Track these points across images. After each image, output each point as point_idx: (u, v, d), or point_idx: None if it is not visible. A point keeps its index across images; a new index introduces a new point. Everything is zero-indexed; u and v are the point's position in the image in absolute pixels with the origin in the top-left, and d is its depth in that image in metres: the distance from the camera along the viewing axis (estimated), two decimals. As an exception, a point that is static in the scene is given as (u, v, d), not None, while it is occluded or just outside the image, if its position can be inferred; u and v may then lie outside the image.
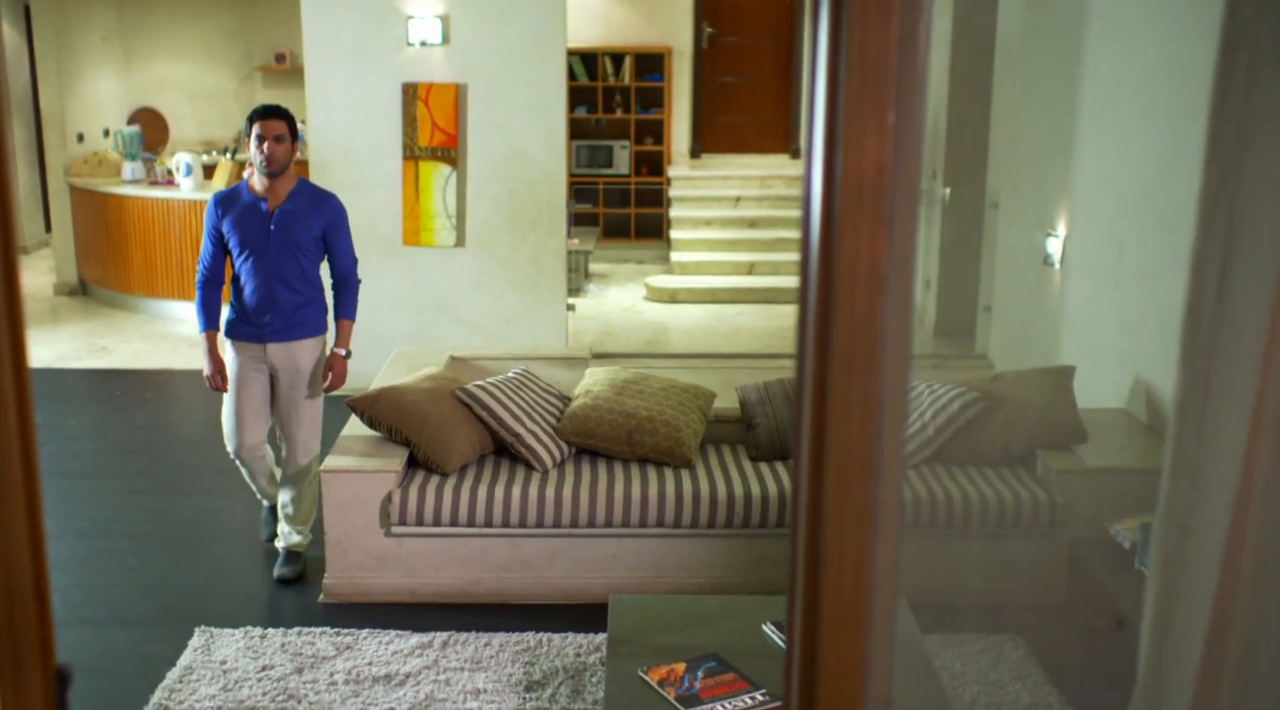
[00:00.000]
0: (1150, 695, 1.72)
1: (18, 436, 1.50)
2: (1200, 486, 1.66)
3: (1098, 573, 4.43)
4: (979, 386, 5.35)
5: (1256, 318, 1.62)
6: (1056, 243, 6.39)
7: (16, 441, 1.50)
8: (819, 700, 1.58)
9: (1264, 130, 1.57)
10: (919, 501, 4.94)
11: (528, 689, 4.34)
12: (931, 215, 9.37)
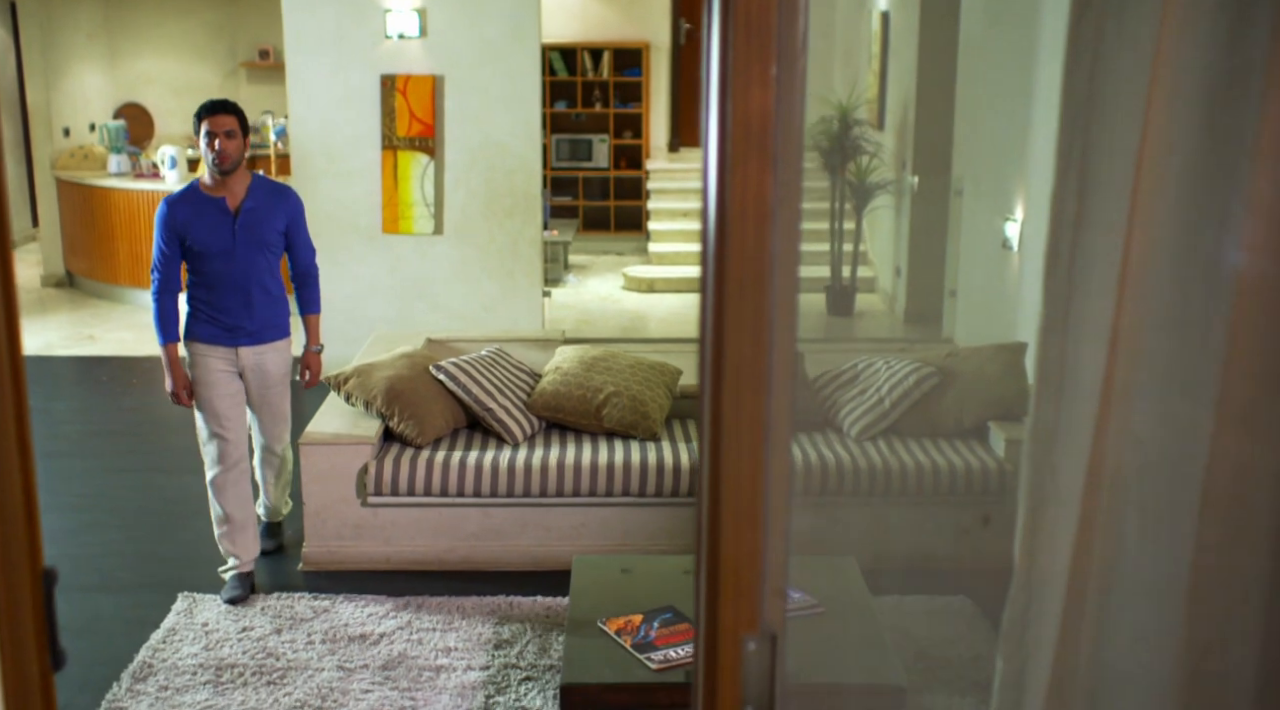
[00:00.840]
0: (1024, 586, 1.93)
1: (6, 348, 1.70)
2: (1064, 399, 1.87)
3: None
4: (935, 362, 5.56)
5: (1108, 251, 1.82)
6: (1014, 227, 6.61)
7: (6, 353, 1.70)
8: (722, 590, 1.79)
9: (1109, 83, 1.78)
10: (874, 470, 5.15)
11: (496, 647, 4.55)
12: (901, 204, 9.59)
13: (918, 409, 5.40)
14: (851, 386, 5.59)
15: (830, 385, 5.65)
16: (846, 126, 9.60)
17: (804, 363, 5.74)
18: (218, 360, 4.90)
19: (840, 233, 9.78)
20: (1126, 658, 1.90)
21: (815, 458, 5.20)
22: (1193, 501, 1.84)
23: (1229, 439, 1.83)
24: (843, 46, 12.06)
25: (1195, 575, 1.86)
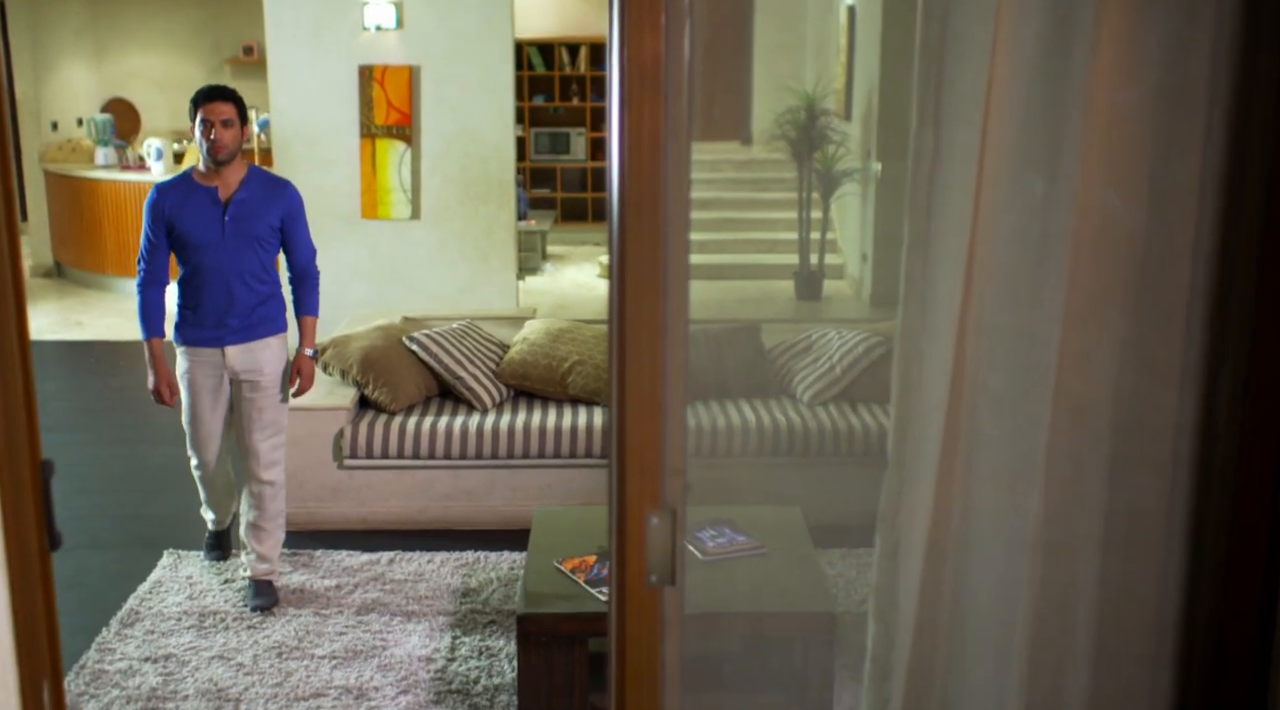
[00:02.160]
0: (897, 466, 2.22)
1: (8, 256, 1.98)
2: (927, 306, 2.15)
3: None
4: (885, 333, 5.86)
5: (962, 180, 2.10)
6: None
7: (7, 261, 1.98)
8: (628, 472, 2.07)
9: (959, 32, 2.06)
10: (824, 433, 5.44)
11: (464, 595, 4.83)
12: (867, 192, 9.89)
13: (867, 376, 5.69)
14: (805, 355, 5.87)
15: (785, 355, 5.94)
16: (813, 116, 9.90)
17: (760, 335, 6.02)
18: (203, 365, 4.67)
19: (808, 221, 10.08)
20: (987, 528, 2.18)
21: (769, 420, 5.49)
22: (1044, 394, 2.13)
23: (1072, 340, 2.12)
24: (814, 40, 12.37)
25: (1047, 458, 2.15)
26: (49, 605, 2.17)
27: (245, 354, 4.67)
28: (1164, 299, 2.09)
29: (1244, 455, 2.07)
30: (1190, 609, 2.17)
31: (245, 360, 4.67)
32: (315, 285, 4.86)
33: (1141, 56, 2.04)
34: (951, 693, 2.27)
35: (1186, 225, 2.06)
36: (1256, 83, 1.97)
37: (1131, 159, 2.07)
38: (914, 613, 2.25)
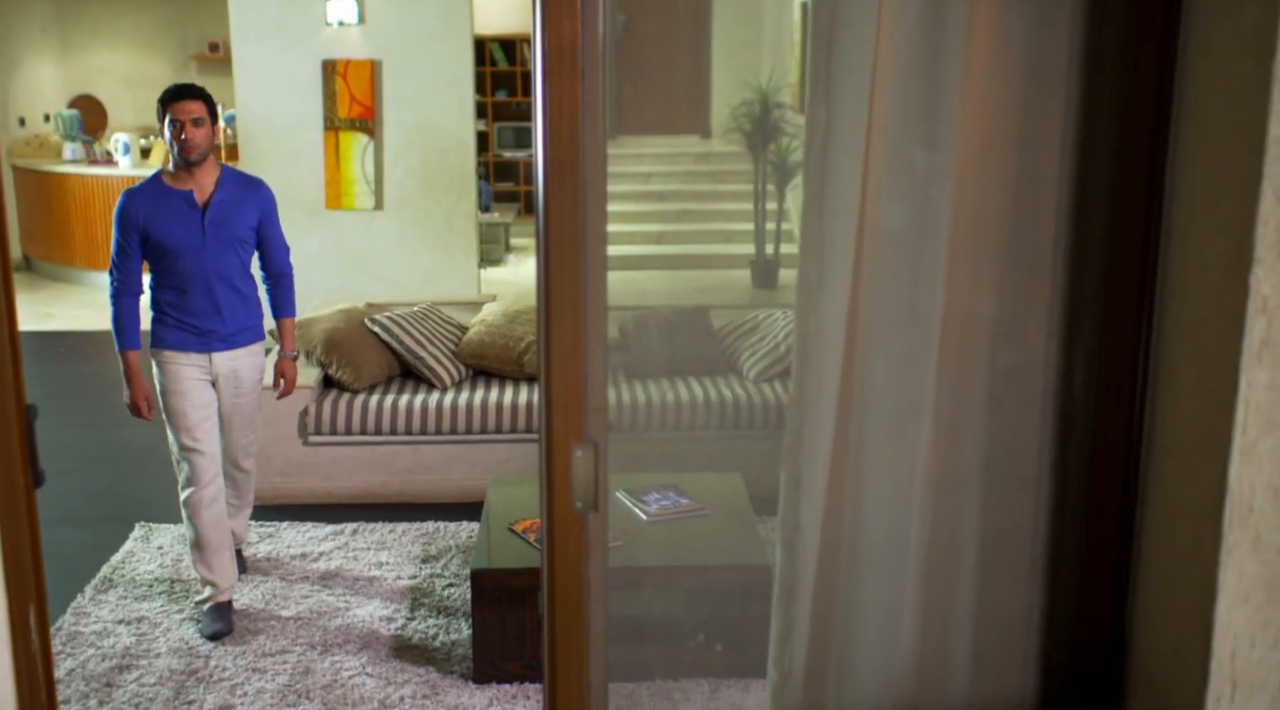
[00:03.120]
0: (796, 407, 2.46)
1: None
2: (824, 261, 2.40)
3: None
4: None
5: (852, 147, 2.35)
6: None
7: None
8: (554, 409, 2.32)
9: (847, 10, 2.31)
10: (769, 407, 5.70)
11: (424, 561, 5.06)
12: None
13: (810, 353, 5.94)
14: (752, 335, 6.13)
15: (733, 335, 6.19)
16: (767, 109, 10.16)
17: (709, 317, 6.28)
18: (189, 368, 4.52)
19: (764, 211, 10.34)
20: (881, 461, 2.43)
21: (715, 396, 5.74)
22: (930, 340, 2.38)
23: (953, 291, 2.37)
24: (771, 36, 12.64)
25: (937, 400, 2.40)
26: (34, 537, 2.40)
27: (230, 361, 4.57)
28: (1032, 253, 2.35)
29: (1101, 392, 2.33)
30: (1058, 531, 2.43)
31: (230, 367, 4.58)
32: (292, 285, 4.80)
33: (1010, 36, 2.29)
34: (852, 611, 2.53)
35: (1050, 188, 2.32)
36: (1104, 56, 2.23)
37: (1002, 128, 2.32)
38: (817, 539, 2.50)
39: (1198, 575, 2.15)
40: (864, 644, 2.52)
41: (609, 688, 2.55)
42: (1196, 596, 2.15)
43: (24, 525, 2.36)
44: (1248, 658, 2.13)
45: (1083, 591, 2.42)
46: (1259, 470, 2.05)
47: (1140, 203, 2.25)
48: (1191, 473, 2.17)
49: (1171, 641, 2.26)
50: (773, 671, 2.60)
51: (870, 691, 2.53)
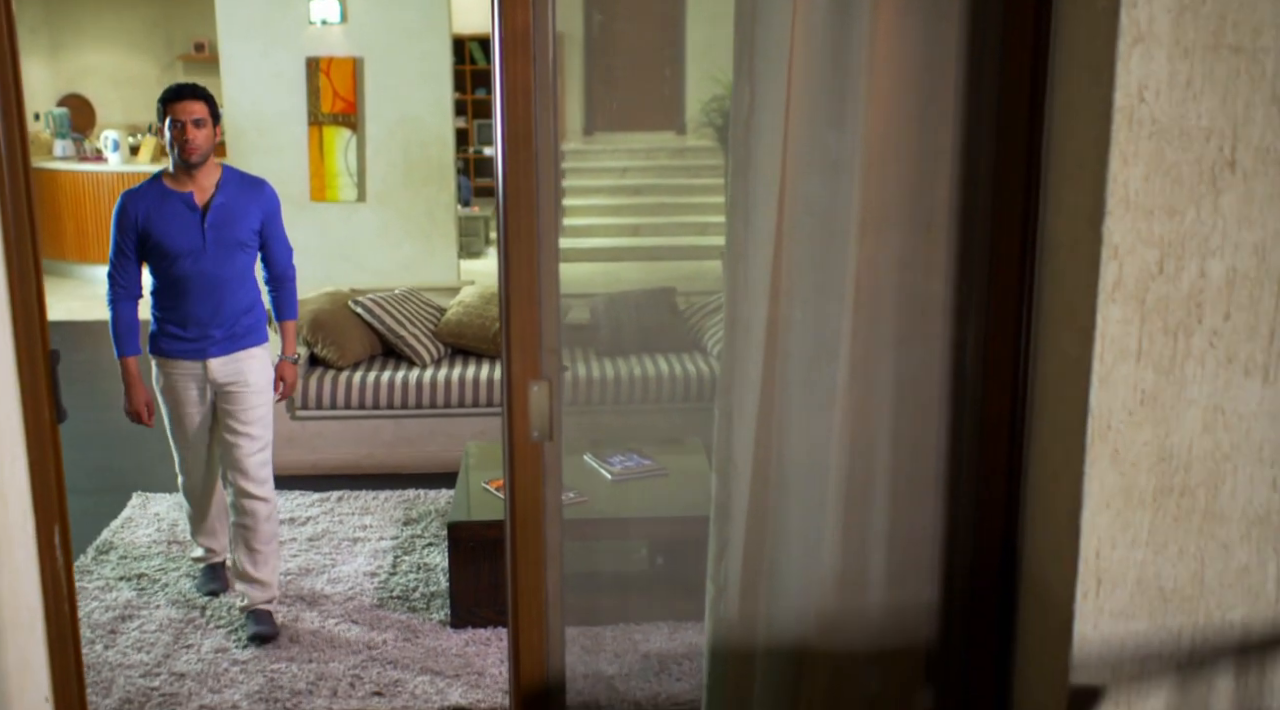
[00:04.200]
0: (729, 351, 2.80)
1: (21, 174, 2.54)
2: (749, 223, 2.73)
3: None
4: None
5: (773, 122, 2.69)
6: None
7: (19, 178, 2.54)
8: (514, 349, 2.66)
9: (767, 3, 2.65)
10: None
11: (405, 524, 5.40)
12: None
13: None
14: (716, 314, 6.48)
15: (697, 315, 6.53)
16: (737, 104, 10.50)
17: (675, 297, 6.62)
18: (184, 377, 4.43)
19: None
20: (802, 395, 2.77)
21: (680, 371, 6.08)
22: (843, 287, 2.72)
23: (863, 246, 2.71)
24: (742, 34, 12.98)
25: (850, 343, 2.74)
26: (57, 466, 2.73)
27: (229, 365, 4.42)
28: (929, 214, 2.69)
29: (991, 332, 2.68)
30: (957, 456, 2.77)
31: (229, 372, 4.42)
32: (294, 288, 4.71)
33: (908, 26, 2.63)
34: (780, 531, 2.86)
35: (944, 158, 2.66)
36: (987, 44, 2.58)
37: (902, 107, 2.66)
38: (748, 467, 2.83)
39: (1069, 488, 2.50)
40: (791, 559, 2.86)
41: (574, 632, 2.91)
42: (1068, 506, 2.50)
43: (49, 455, 2.69)
44: (1110, 557, 2.48)
45: (979, 509, 2.77)
46: (1115, 394, 2.40)
47: (1020, 169, 2.60)
48: (1062, 399, 2.52)
49: (1051, 547, 2.60)
50: (710, 586, 2.94)
51: (797, 601, 2.87)
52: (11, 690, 2.60)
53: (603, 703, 3.97)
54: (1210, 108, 2.29)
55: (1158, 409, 2.41)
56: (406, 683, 4.08)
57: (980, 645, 2.80)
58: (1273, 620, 2.52)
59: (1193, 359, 2.39)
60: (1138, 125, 2.29)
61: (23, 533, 2.66)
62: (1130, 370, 2.39)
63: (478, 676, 4.12)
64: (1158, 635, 2.52)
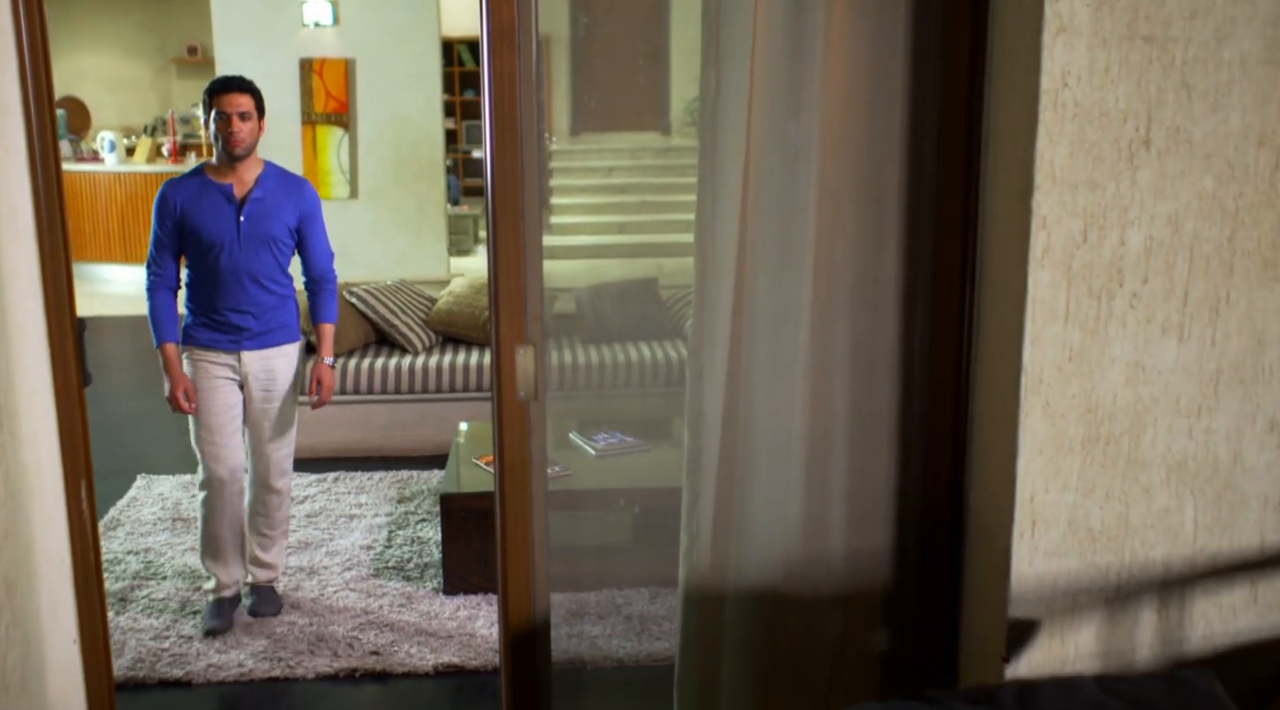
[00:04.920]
0: (699, 314, 3.05)
1: (52, 164, 2.78)
2: (715, 200, 2.99)
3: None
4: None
5: (737, 107, 2.94)
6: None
7: (51, 167, 2.78)
8: (502, 316, 2.90)
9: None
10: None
11: (399, 502, 5.65)
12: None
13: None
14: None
15: (679, 303, 6.79)
16: (720, 104, 10.76)
17: (658, 288, 6.88)
18: (217, 366, 4.44)
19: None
20: (768, 356, 3.02)
21: (663, 356, 6.34)
22: (804, 258, 2.97)
23: (822, 219, 2.97)
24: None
25: (810, 307, 2.99)
26: (83, 424, 2.98)
27: (261, 360, 4.48)
28: (880, 190, 2.94)
29: (938, 297, 2.94)
30: (908, 412, 3.03)
31: (261, 366, 4.48)
32: (334, 291, 4.71)
33: (860, 19, 2.89)
34: (747, 482, 3.11)
35: (893, 140, 2.92)
36: (931, 35, 2.84)
37: (855, 93, 2.92)
38: (718, 423, 3.08)
39: (1006, 438, 2.75)
40: (757, 509, 3.11)
41: (560, 597, 3.15)
42: (1006, 455, 2.76)
43: (76, 415, 2.94)
44: (1043, 500, 2.73)
45: (928, 460, 3.02)
46: (1045, 351, 2.66)
47: (960, 149, 2.86)
48: (1000, 357, 2.78)
49: (991, 493, 2.86)
50: (684, 536, 3.19)
51: (764, 547, 3.12)
52: (44, 629, 2.84)
53: (586, 659, 4.22)
54: (1126, 92, 2.55)
55: (1084, 365, 2.67)
56: (402, 644, 4.33)
57: (931, 586, 3.06)
58: (1190, 558, 2.77)
59: (1115, 319, 2.65)
60: (1062, 108, 2.55)
61: (52, 484, 2.90)
62: (1059, 330, 2.65)
63: (469, 638, 4.37)
64: (1087, 572, 2.77)
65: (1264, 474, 2.73)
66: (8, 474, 2.67)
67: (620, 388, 6.30)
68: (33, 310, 2.81)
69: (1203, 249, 2.62)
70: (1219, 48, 2.53)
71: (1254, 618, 2.80)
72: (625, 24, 14.30)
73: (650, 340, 6.56)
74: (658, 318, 6.66)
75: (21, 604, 2.73)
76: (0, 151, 2.67)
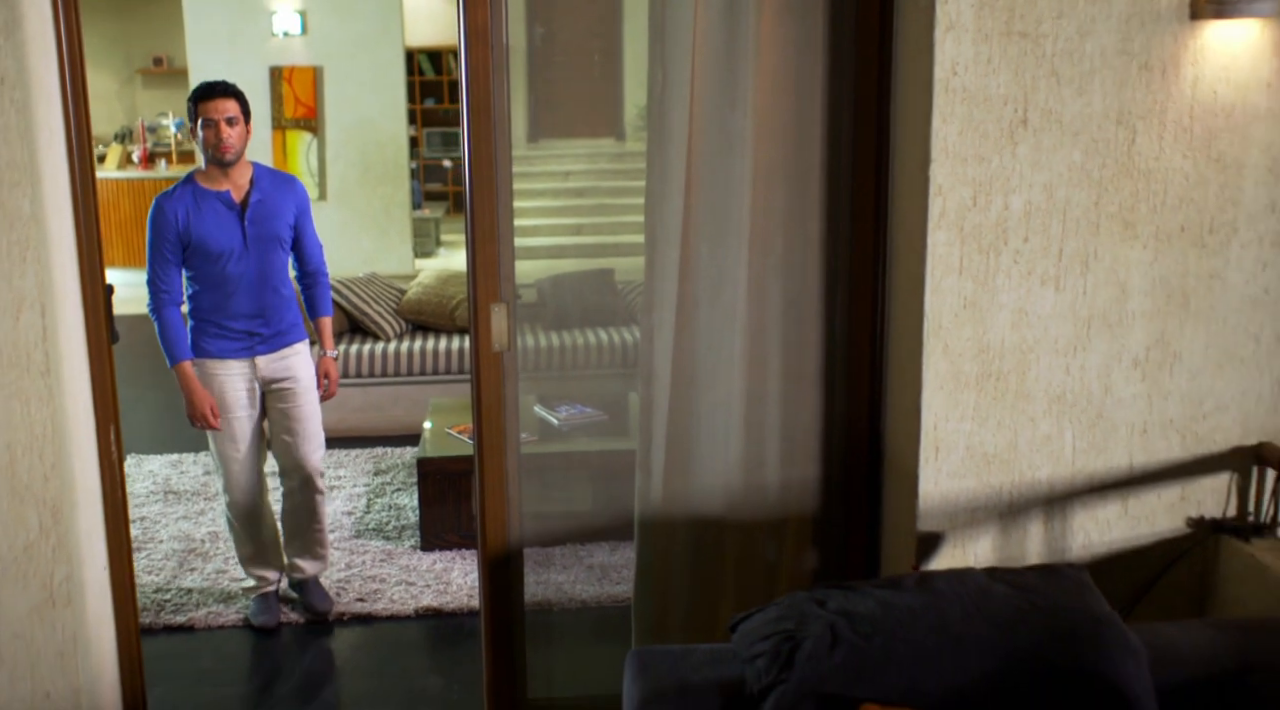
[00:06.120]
0: (649, 277, 3.50)
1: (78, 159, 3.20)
2: (664, 184, 3.43)
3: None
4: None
5: (680, 98, 3.40)
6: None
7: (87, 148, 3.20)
8: (479, 278, 3.34)
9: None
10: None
11: (375, 474, 6.07)
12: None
13: (699, 305, 7.03)
14: (651, 292, 7.19)
15: (634, 292, 7.25)
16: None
17: (614, 277, 7.34)
18: (233, 377, 4.40)
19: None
20: (709, 313, 3.47)
21: (618, 340, 6.80)
22: (740, 228, 3.42)
23: (755, 194, 3.42)
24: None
25: (746, 270, 3.45)
26: (111, 376, 3.39)
27: (277, 362, 4.45)
28: (805, 170, 3.40)
29: (856, 258, 3.41)
30: (832, 359, 3.49)
31: (278, 369, 4.45)
32: (328, 284, 4.72)
33: (785, 22, 3.35)
34: (694, 425, 3.56)
35: (816, 126, 3.38)
36: (846, 34, 3.31)
37: (783, 85, 3.38)
38: (668, 374, 3.54)
39: (913, 376, 3.22)
40: (703, 449, 3.56)
41: (530, 551, 3.59)
42: (912, 391, 3.23)
43: (106, 368, 3.35)
44: (944, 428, 3.20)
45: (850, 400, 3.49)
46: (943, 300, 3.13)
47: (872, 131, 3.33)
48: (906, 307, 3.25)
49: (902, 425, 3.33)
50: (639, 475, 3.64)
51: (709, 482, 3.57)
52: (84, 553, 3.26)
53: (553, 600, 4.66)
54: (1006, 79, 3.03)
55: (976, 312, 3.14)
56: (385, 591, 4.76)
57: (854, 509, 3.52)
58: (1070, 477, 3.25)
59: (1001, 272, 3.13)
60: (952, 93, 3.03)
61: (86, 428, 3.31)
62: (954, 282, 3.12)
63: (445, 585, 4.81)
64: (983, 491, 3.24)
65: (1130, 404, 3.21)
66: (55, 415, 3.09)
67: (580, 369, 6.75)
68: (70, 275, 3.22)
69: (1073, 212, 3.10)
70: (1082, 41, 3.02)
71: (1125, 528, 3.29)
72: (580, 33, 14.75)
73: (608, 326, 7.01)
74: (614, 305, 7.11)
75: (66, 529, 3.15)
76: (44, 144, 3.08)
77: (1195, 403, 3.22)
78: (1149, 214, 3.11)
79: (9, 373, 3.04)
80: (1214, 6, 2.95)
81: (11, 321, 3.02)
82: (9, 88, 2.94)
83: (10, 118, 2.95)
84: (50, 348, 3.07)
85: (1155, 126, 3.07)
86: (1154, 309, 3.16)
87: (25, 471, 3.10)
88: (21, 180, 2.98)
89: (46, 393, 3.07)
